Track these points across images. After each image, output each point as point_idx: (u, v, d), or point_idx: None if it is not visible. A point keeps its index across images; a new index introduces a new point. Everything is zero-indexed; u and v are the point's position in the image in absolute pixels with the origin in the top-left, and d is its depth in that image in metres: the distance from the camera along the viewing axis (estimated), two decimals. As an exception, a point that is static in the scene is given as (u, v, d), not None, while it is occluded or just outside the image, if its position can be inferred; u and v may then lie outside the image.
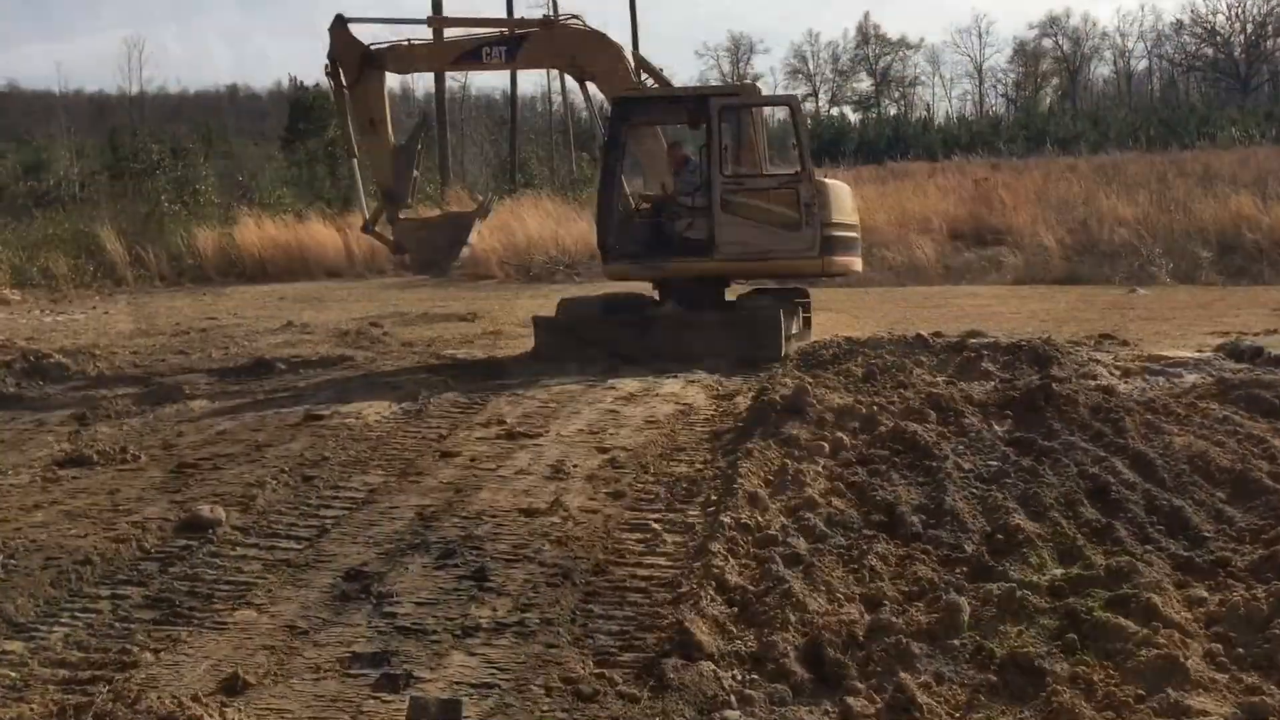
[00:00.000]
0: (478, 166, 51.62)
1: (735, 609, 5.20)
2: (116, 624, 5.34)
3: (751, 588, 5.36)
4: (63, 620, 5.40)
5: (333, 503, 7.18)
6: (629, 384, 11.04)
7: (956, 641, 4.74)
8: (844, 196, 13.36)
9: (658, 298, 13.63)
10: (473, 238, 14.78)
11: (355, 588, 5.63)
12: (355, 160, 15.01)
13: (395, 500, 7.18)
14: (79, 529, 6.67)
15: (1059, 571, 5.49)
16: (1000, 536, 5.89)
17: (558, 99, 52.86)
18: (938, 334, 12.99)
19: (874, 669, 4.61)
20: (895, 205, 26.42)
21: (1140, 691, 4.30)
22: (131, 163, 39.45)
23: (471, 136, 56.24)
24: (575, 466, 7.84)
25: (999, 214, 25.65)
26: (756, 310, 12.81)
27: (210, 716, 4.08)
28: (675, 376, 11.43)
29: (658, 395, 10.47)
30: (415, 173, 14.82)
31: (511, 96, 47.24)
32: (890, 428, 7.89)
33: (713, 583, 5.40)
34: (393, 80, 16.04)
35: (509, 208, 28.25)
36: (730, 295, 13.86)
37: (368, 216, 14.83)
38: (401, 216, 14.36)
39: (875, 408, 8.36)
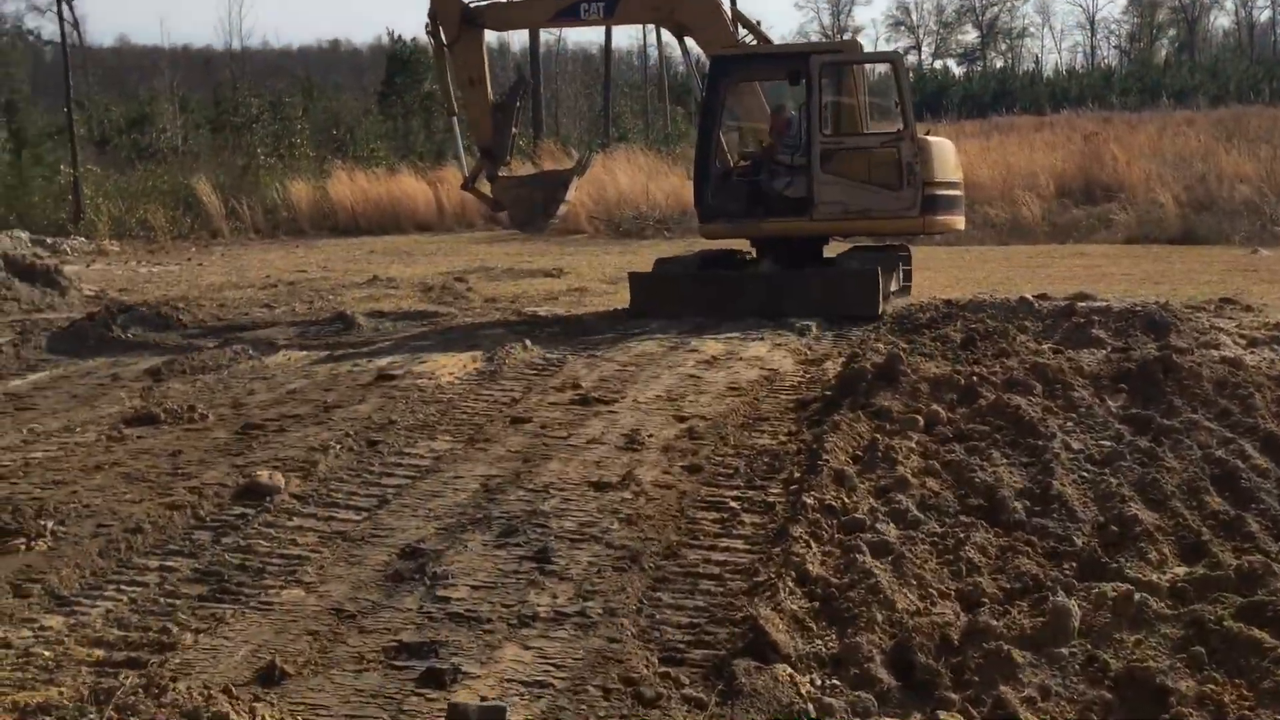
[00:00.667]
0: (571, 120, 51.27)
1: (816, 604, 4.74)
2: (161, 599, 5.07)
3: (835, 580, 4.88)
4: (107, 594, 5.16)
5: (396, 470, 6.86)
6: (712, 346, 10.58)
7: (1065, 650, 4.22)
8: (947, 154, 13.02)
9: (754, 255, 13.38)
10: (570, 195, 14.55)
11: (410, 566, 5.29)
12: (454, 118, 14.89)
13: (460, 469, 6.83)
14: (135, 493, 6.45)
15: (1181, 570, 4.92)
16: (1114, 528, 5.32)
17: (653, 53, 52.16)
18: (1043, 296, 12.28)
19: (970, 678, 4.13)
20: (999, 161, 25.45)
21: (1278, 717, 3.76)
22: (231, 116, 39.85)
23: (566, 91, 55.85)
24: (650, 437, 7.41)
25: (1110, 170, 24.52)
26: (854, 269, 12.57)
27: (238, 713, 3.75)
28: (761, 339, 10.96)
29: (741, 359, 9.99)
30: (514, 130, 14.64)
31: (606, 50, 46.58)
32: (991, 401, 7.29)
33: (792, 573, 4.94)
34: (489, 36, 15.69)
35: (600, 162, 27.80)
36: (829, 251, 13.55)
37: (466, 174, 14.63)
38: (500, 174, 14.16)
39: (975, 378, 7.74)
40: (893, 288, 13.01)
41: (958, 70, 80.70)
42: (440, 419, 8.04)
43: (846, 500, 5.88)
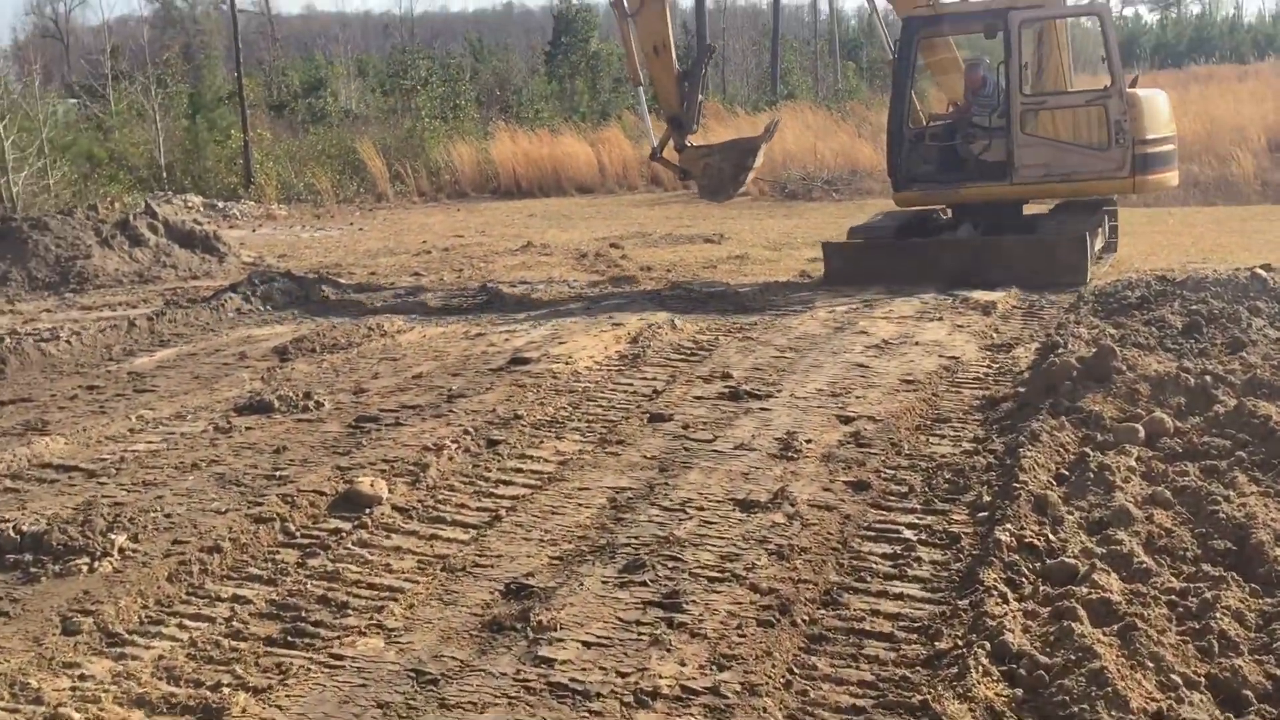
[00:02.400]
0: (739, 78, 49.91)
1: (1019, 690, 3.65)
2: (224, 641, 4.32)
3: (1043, 657, 3.77)
4: (165, 632, 4.44)
5: (515, 478, 5.99)
6: (884, 328, 9.40)
7: (1376, 790, 3.05)
8: (1159, 107, 11.92)
9: (949, 216, 12.64)
10: (758, 161, 13.73)
11: (512, 612, 4.39)
12: (639, 87, 14.26)
13: (586, 479, 5.91)
14: (223, 500, 5.75)
15: None
16: None
17: (824, 5, 50.28)
18: (1268, 267, 10.68)
19: (1240, 825, 3.00)
20: (1201, 113, 23.23)
21: None
22: (401, 80, 39.94)
23: (734, 47, 54.49)
24: (809, 442, 6.34)
25: (1331, 122, 22.12)
26: (1059, 233, 11.54)
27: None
28: (940, 318, 9.73)
29: (917, 344, 8.79)
30: (700, 98, 13.91)
31: (774, 3, 45.04)
32: (1231, 407, 5.96)
33: (986, 643, 3.86)
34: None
35: (767, 120, 26.61)
36: (1030, 208, 12.68)
37: (654, 144, 13.90)
38: (688, 143, 13.39)
39: (1207, 377, 6.41)
40: (1098, 246, 12.01)
41: (1149, 17, 75.91)
42: (571, 413, 7.15)
43: (1052, 537, 4.74)
